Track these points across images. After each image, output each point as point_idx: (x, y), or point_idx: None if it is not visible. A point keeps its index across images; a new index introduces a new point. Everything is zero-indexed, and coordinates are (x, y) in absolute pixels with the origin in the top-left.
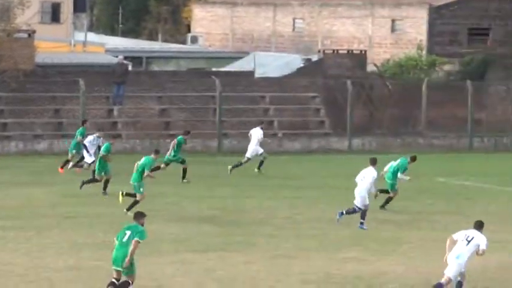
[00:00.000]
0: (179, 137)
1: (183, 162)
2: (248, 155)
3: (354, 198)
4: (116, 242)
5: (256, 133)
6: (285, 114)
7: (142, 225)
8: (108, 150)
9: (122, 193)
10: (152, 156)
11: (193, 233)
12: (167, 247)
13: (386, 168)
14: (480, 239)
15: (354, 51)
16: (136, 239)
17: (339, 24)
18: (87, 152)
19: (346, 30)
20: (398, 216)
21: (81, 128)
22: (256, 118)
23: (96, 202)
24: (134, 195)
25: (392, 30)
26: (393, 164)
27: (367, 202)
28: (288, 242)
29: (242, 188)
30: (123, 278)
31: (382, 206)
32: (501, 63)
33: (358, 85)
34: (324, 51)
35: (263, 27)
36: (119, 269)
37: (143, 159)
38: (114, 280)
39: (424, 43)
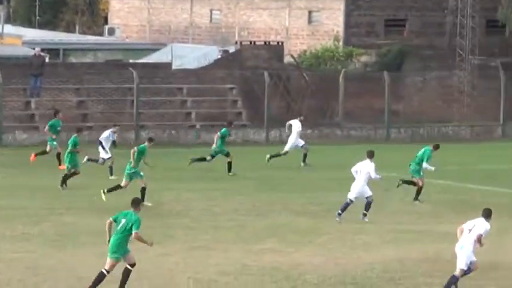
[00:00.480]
0: (223, 129)
1: (227, 155)
2: (287, 148)
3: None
4: (109, 219)
5: (295, 125)
6: (203, 105)
7: (138, 212)
8: (75, 144)
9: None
10: (146, 143)
11: None
12: (86, 239)
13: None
14: (480, 226)
15: (271, 43)
16: (135, 231)
17: (256, 16)
18: (103, 148)
19: (263, 22)
20: (316, 207)
21: (53, 120)
22: (174, 110)
23: (15, 195)
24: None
25: (309, 21)
26: (418, 153)
27: (370, 193)
28: (206, 234)
29: (160, 181)
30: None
31: (416, 199)
32: (417, 54)
33: (275, 76)
34: (241, 42)
35: (180, 19)
36: (114, 257)
37: (139, 148)
38: (104, 270)
39: (341, 34)
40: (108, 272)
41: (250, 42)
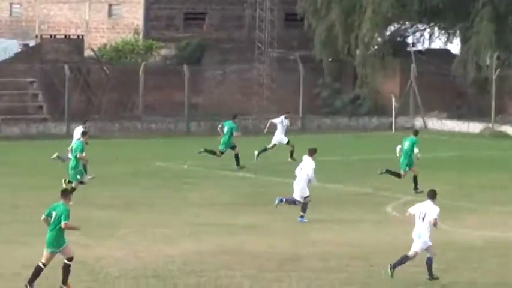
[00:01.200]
0: (229, 122)
1: (233, 148)
2: (272, 142)
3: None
4: (43, 216)
5: (281, 121)
6: (3, 99)
7: (68, 202)
8: None
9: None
10: (81, 139)
11: None
12: None
13: (398, 152)
14: (431, 212)
15: (72, 36)
16: (64, 222)
17: (56, 9)
18: None
19: (63, 15)
20: (117, 200)
21: None
22: None
23: None
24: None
25: (109, 15)
26: (404, 146)
27: (307, 193)
28: (10, 228)
29: None
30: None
31: (416, 189)
32: (217, 47)
33: (76, 70)
34: (41, 36)
35: None
36: (49, 250)
37: (74, 145)
38: (40, 264)
39: (141, 27)
40: (44, 264)
41: (51, 36)
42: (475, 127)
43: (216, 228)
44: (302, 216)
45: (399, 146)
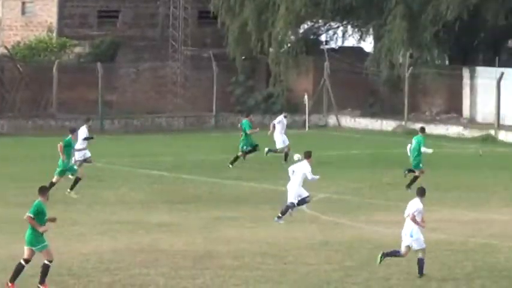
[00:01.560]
0: (243, 120)
1: (255, 148)
2: (278, 146)
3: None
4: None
5: (280, 122)
6: None
7: (46, 199)
8: None
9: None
10: (70, 136)
11: None
12: None
13: (409, 152)
14: (412, 206)
15: None
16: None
17: None
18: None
19: None
20: (30, 198)
21: None
22: None
23: None
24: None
25: (23, 12)
26: (410, 145)
27: (306, 194)
28: None
29: None
30: (41, 258)
31: (408, 186)
32: (130, 45)
33: None
34: None
35: None
36: (28, 247)
37: (65, 142)
38: (22, 261)
39: (55, 25)
40: (26, 261)
41: None
42: (388, 125)
43: (131, 226)
44: (280, 217)
45: (409, 145)
